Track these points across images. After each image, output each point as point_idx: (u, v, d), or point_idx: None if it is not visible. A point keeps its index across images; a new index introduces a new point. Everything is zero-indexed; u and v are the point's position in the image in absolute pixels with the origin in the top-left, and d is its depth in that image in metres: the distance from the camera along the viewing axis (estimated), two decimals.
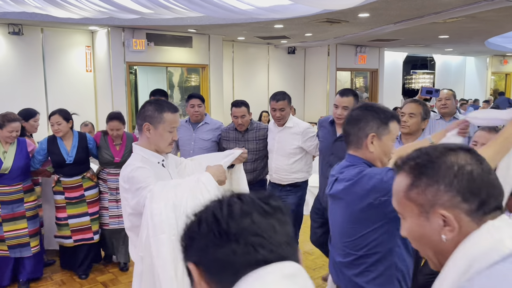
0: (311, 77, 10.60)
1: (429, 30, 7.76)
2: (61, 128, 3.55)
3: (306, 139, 3.45)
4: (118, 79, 7.14)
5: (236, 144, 3.63)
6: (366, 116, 1.65)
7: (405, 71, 13.34)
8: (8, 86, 6.75)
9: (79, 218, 3.63)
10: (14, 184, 3.44)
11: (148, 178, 1.90)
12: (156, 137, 1.98)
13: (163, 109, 1.97)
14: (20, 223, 3.48)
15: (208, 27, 7.22)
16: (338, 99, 3.10)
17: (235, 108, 3.60)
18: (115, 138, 3.74)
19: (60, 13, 5.19)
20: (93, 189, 3.71)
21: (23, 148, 3.49)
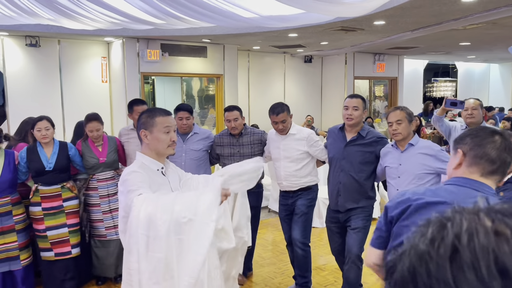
0: (328, 86, 10.46)
1: (449, 37, 7.54)
2: (49, 134, 3.54)
3: (311, 144, 3.50)
4: (132, 89, 7.17)
5: (231, 149, 3.71)
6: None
7: (426, 79, 13.04)
8: (26, 97, 6.85)
9: (58, 229, 3.56)
10: (2, 197, 3.42)
11: (140, 182, 1.94)
12: (153, 141, 2.07)
13: (154, 114, 2.10)
14: (9, 237, 3.45)
15: (222, 37, 7.20)
16: (349, 100, 3.23)
17: (228, 112, 3.70)
18: (95, 139, 3.72)
19: (74, 25, 5.24)
20: (73, 200, 3.65)
21: (11, 160, 3.48)
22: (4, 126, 6.82)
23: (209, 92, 9.52)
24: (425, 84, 12.99)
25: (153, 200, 1.83)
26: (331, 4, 3.61)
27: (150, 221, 1.79)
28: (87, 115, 3.79)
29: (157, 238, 1.78)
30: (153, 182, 2.01)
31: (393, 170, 2.99)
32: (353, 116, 3.18)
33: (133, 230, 1.83)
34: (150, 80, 10.09)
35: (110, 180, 3.75)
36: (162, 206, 1.80)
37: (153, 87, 10.33)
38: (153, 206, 1.80)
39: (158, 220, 1.77)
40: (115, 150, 3.82)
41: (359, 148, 3.22)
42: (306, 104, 10.10)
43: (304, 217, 3.57)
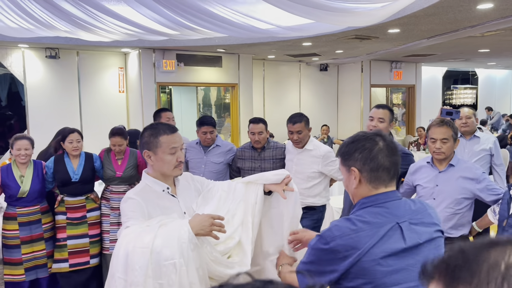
0: (344, 94, 10.40)
1: (466, 44, 7.42)
2: (79, 146, 3.60)
3: (327, 163, 3.34)
4: (148, 99, 7.27)
5: (252, 163, 3.58)
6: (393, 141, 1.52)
7: (445, 86, 12.84)
8: (46, 108, 7.03)
9: (79, 239, 3.59)
10: (32, 206, 3.51)
11: (131, 212, 1.79)
12: (158, 163, 1.86)
13: (158, 133, 1.86)
14: (38, 245, 3.52)
15: (237, 47, 7.25)
16: (375, 111, 3.01)
17: (253, 125, 3.56)
18: (118, 153, 3.75)
19: (90, 37, 5.36)
20: (96, 211, 3.70)
21: (40, 171, 3.56)
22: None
23: (226, 101, 9.58)
24: (444, 91, 12.79)
25: (134, 237, 1.65)
26: (342, 14, 3.59)
27: (127, 264, 1.62)
28: (112, 128, 3.80)
29: (133, 284, 1.60)
30: (155, 207, 1.84)
31: (427, 191, 2.69)
32: (378, 128, 2.96)
33: (113, 270, 1.69)
34: (167, 90, 10.22)
35: (122, 194, 3.76)
36: (141, 246, 1.62)
37: (170, 96, 10.46)
38: (132, 245, 1.63)
39: (135, 264, 1.60)
40: (134, 166, 3.81)
41: None
42: (322, 112, 10.06)
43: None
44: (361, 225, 1.32)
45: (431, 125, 2.76)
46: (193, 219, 1.72)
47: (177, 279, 1.62)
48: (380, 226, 1.32)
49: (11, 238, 3.47)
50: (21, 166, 3.53)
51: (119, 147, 3.71)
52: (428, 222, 1.40)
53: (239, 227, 1.91)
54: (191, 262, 1.65)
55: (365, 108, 9.88)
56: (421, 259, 1.32)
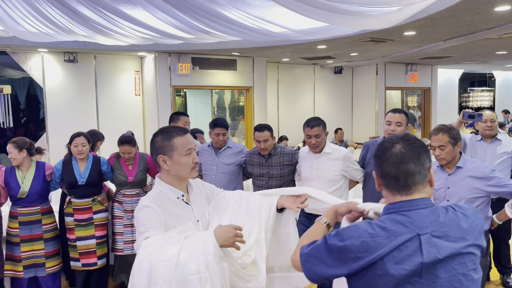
0: (359, 97, 10.36)
1: (484, 46, 7.33)
2: (84, 150, 3.66)
3: (348, 164, 3.31)
4: (164, 102, 7.35)
5: (260, 169, 3.54)
6: (421, 148, 1.38)
7: (462, 89, 12.68)
8: (64, 111, 7.16)
9: (86, 240, 3.65)
10: (32, 206, 3.59)
11: (149, 221, 1.73)
12: (175, 167, 1.82)
13: (171, 135, 1.83)
14: (37, 244, 3.60)
15: (251, 50, 7.29)
16: (391, 115, 3.07)
17: (258, 133, 3.49)
18: (127, 160, 3.81)
19: (108, 41, 5.45)
20: (103, 212, 3.75)
21: (41, 172, 3.63)
22: (43, 138, 7.13)
23: (240, 104, 9.62)
24: (461, 94, 12.63)
25: (156, 249, 1.61)
26: (358, 17, 3.59)
27: (150, 278, 1.58)
28: (120, 137, 3.85)
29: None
30: (170, 215, 1.79)
31: (440, 193, 2.78)
32: (396, 132, 3.02)
33: (135, 283, 1.64)
34: (182, 93, 10.31)
35: (135, 197, 3.82)
36: (165, 259, 1.58)
37: (185, 99, 10.55)
38: (155, 258, 1.58)
39: (158, 278, 1.56)
40: (144, 170, 3.87)
41: None
42: (336, 115, 10.02)
43: None
44: (379, 231, 1.29)
45: (430, 133, 2.85)
46: (217, 230, 1.67)
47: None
48: (398, 235, 1.28)
49: (13, 236, 3.58)
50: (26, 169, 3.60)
51: (128, 155, 3.78)
52: (455, 236, 1.30)
53: (254, 245, 1.90)
54: (216, 277, 1.61)
55: (380, 111, 9.82)
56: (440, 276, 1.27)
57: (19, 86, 7.85)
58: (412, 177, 1.34)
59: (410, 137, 1.40)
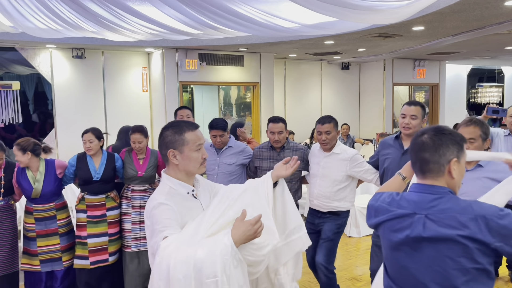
0: (366, 93, 10.31)
1: (493, 42, 7.26)
2: (92, 146, 3.66)
3: (355, 165, 3.30)
4: (171, 98, 7.36)
5: (270, 163, 3.51)
6: (446, 141, 1.54)
7: (470, 85, 12.57)
8: (72, 106, 7.20)
9: (98, 237, 3.66)
10: (47, 203, 3.63)
11: (167, 219, 1.71)
12: (184, 161, 1.81)
13: (182, 130, 1.81)
14: (53, 239, 3.64)
15: (258, 46, 7.27)
16: (406, 108, 3.01)
17: (272, 124, 3.49)
18: (138, 151, 3.78)
19: (115, 37, 5.46)
20: (115, 209, 3.75)
21: (52, 170, 3.65)
22: (51, 134, 7.18)
23: (246, 100, 9.62)
24: (469, 90, 12.53)
25: (174, 249, 1.60)
26: (366, 12, 3.57)
27: (169, 276, 1.57)
28: (133, 126, 3.84)
29: None
30: (183, 211, 1.78)
31: None
32: (411, 125, 2.96)
33: (154, 283, 1.63)
34: (189, 89, 10.32)
35: (143, 193, 3.81)
36: (182, 258, 1.57)
37: (192, 96, 10.55)
38: (174, 257, 1.58)
39: (178, 274, 1.56)
40: (155, 166, 3.85)
41: None
42: (343, 111, 9.99)
43: (329, 243, 3.37)
44: (391, 201, 1.62)
45: (460, 124, 2.70)
46: (235, 232, 1.62)
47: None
48: (400, 208, 1.58)
49: (29, 231, 3.62)
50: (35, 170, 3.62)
51: (138, 144, 3.74)
52: (450, 224, 1.45)
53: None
54: (233, 280, 1.58)
55: (387, 107, 9.77)
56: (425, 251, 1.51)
57: (27, 82, 7.90)
58: (427, 165, 1.55)
59: (441, 130, 1.56)
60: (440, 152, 1.52)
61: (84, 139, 3.66)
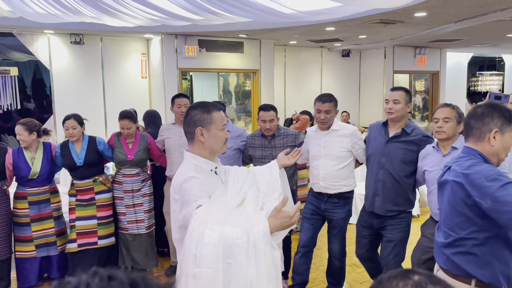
0: (366, 81, 10.26)
1: (495, 29, 7.20)
2: (76, 132, 3.66)
3: (355, 141, 3.29)
4: (171, 85, 7.31)
5: (263, 151, 3.52)
6: (492, 113, 1.84)
7: (471, 73, 12.52)
8: (71, 93, 7.14)
9: (86, 220, 3.67)
10: (42, 186, 3.65)
11: (199, 191, 1.79)
12: (210, 139, 1.92)
13: (210, 110, 1.93)
14: (47, 223, 3.66)
15: (259, 32, 7.21)
16: (390, 94, 3.09)
17: (263, 112, 3.46)
18: (127, 136, 3.79)
19: (115, 22, 5.40)
20: (105, 193, 3.76)
21: (49, 153, 3.69)
22: (50, 120, 7.14)
23: (246, 88, 9.56)
24: (469, 78, 12.49)
25: (206, 216, 1.70)
26: None
27: (198, 241, 1.65)
28: (121, 112, 3.86)
29: (204, 253, 1.62)
30: (209, 185, 1.87)
31: (433, 175, 2.75)
32: (393, 110, 3.01)
33: (186, 249, 1.71)
34: (188, 76, 10.26)
35: (135, 177, 3.82)
36: (213, 225, 1.66)
37: (191, 83, 10.49)
38: (203, 226, 1.67)
39: (206, 238, 1.63)
40: (145, 149, 3.86)
41: (402, 146, 3.02)
42: (343, 99, 9.94)
43: (342, 231, 3.42)
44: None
45: (438, 106, 2.86)
46: (273, 221, 1.67)
47: (246, 261, 1.60)
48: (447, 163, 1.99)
49: (22, 216, 3.61)
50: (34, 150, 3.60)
51: (127, 130, 3.76)
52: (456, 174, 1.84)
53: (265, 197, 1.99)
54: (261, 255, 1.62)
55: (387, 94, 9.72)
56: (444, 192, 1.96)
57: (25, 69, 7.83)
58: (470, 130, 1.88)
59: (493, 104, 1.86)
60: (484, 121, 1.83)
61: (67, 125, 3.64)
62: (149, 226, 3.90)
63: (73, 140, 3.70)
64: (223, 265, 1.61)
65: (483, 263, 1.80)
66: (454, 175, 1.84)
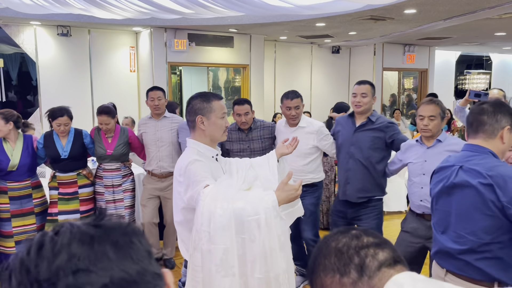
0: (356, 77, 10.27)
1: (483, 27, 7.27)
2: (67, 129, 3.61)
3: (322, 137, 3.37)
4: (160, 79, 7.25)
5: (240, 145, 3.54)
6: (503, 110, 1.84)
7: (459, 71, 12.64)
8: (58, 86, 7.04)
9: (69, 214, 3.59)
10: (22, 180, 3.54)
11: (204, 172, 1.88)
12: (211, 127, 2.00)
13: (209, 99, 2.01)
14: (29, 219, 3.57)
15: (249, 27, 7.17)
16: (357, 87, 3.17)
17: (238, 106, 3.50)
18: (106, 131, 3.74)
19: (103, 14, 5.32)
20: (88, 187, 3.70)
21: (30, 144, 3.59)
22: (36, 113, 7.03)
23: (235, 84, 9.53)
24: (457, 76, 12.61)
25: (215, 194, 1.78)
26: None
27: (210, 218, 1.73)
28: (99, 107, 3.79)
29: (218, 230, 1.71)
30: (211, 170, 1.95)
31: (417, 167, 2.81)
32: (362, 103, 3.12)
33: (198, 226, 1.78)
34: (177, 71, 10.19)
35: (115, 172, 3.77)
36: (223, 204, 1.74)
37: (180, 78, 10.42)
38: (214, 204, 1.75)
39: (217, 214, 1.72)
40: (125, 143, 3.81)
41: (369, 134, 3.13)
42: (333, 95, 9.97)
43: (313, 216, 3.47)
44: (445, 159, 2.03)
45: (421, 103, 2.86)
46: (280, 193, 1.79)
47: (258, 236, 1.70)
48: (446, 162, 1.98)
49: (2, 212, 3.52)
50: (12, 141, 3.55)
51: (106, 126, 3.71)
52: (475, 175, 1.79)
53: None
54: (272, 228, 1.71)
55: (377, 91, 9.76)
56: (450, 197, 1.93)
57: (10, 61, 7.68)
58: (483, 125, 1.85)
59: (501, 102, 1.89)
60: (497, 117, 1.83)
61: (60, 122, 3.56)
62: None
63: (63, 136, 3.64)
64: (236, 240, 1.70)
65: (507, 265, 1.78)
66: (478, 176, 1.78)
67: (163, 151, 3.88)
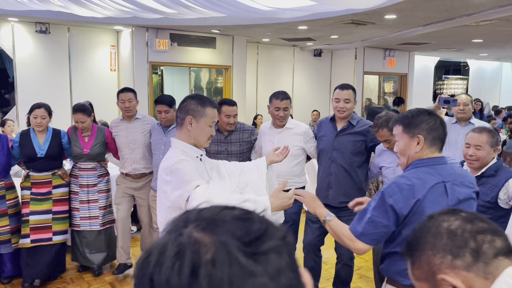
0: (337, 81, 10.37)
1: (461, 34, 7.44)
2: (44, 122, 3.53)
3: (308, 139, 3.36)
4: (140, 78, 7.17)
5: (218, 146, 3.45)
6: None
7: (437, 76, 12.90)
8: (35, 84, 6.89)
9: (41, 215, 3.52)
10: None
11: (193, 171, 1.88)
12: (197, 131, 1.99)
13: (205, 104, 2.01)
14: (2, 221, 3.48)
15: (232, 28, 7.17)
16: (339, 92, 3.11)
17: (228, 107, 3.37)
18: (82, 130, 3.69)
19: (84, 12, 5.25)
20: (63, 187, 3.64)
21: (5, 144, 3.49)
22: (13, 111, 6.88)
23: (218, 85, 9.51)
24: (436, 81, 12.86)
25: (210, 194, 1.79)
26: None
27: None
28: (74, 105, 3.73)
29: None
30: (197, 170, 1.96)
31: (390, 171, 2.85)
32: (345, 108, 3.09)
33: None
34: (159, 71, 10.11)
35: (91, 171, 3.72)
36: (217, 198, 1.75)
37: (162, 78, 10.34)
38: (209, 200, 1.72)
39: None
40: (102, 143, 3.75)
41: (350, 138, 3.13)
42: (314, 98, 10.05)
43: (295, 225, 3.43)
44: (415, 181, 1.67)
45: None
46: (274, 200, 1.82)
47: None
48: (429, 181, 1.67)
49: None
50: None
51: (82, 124, 3.66)
52: (468, 184, 1.75)
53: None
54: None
55: (358, 95, 9.86)
56: None
57: None
58: (444, 139, 1.79)
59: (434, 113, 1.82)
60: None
61: (36, 114, 3.49)
62: (104, 223, 3.78)
63: (39, 130, 3.54)
64: None
65: None
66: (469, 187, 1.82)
67: (136, 153, 3.78)
